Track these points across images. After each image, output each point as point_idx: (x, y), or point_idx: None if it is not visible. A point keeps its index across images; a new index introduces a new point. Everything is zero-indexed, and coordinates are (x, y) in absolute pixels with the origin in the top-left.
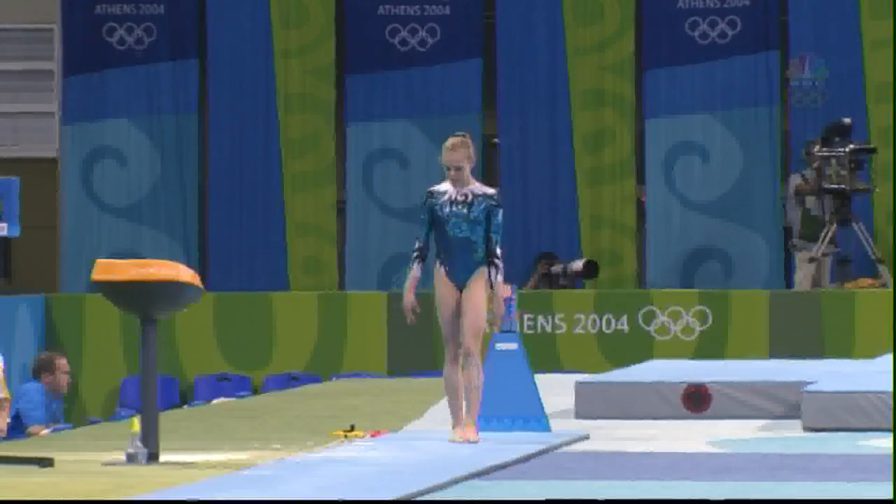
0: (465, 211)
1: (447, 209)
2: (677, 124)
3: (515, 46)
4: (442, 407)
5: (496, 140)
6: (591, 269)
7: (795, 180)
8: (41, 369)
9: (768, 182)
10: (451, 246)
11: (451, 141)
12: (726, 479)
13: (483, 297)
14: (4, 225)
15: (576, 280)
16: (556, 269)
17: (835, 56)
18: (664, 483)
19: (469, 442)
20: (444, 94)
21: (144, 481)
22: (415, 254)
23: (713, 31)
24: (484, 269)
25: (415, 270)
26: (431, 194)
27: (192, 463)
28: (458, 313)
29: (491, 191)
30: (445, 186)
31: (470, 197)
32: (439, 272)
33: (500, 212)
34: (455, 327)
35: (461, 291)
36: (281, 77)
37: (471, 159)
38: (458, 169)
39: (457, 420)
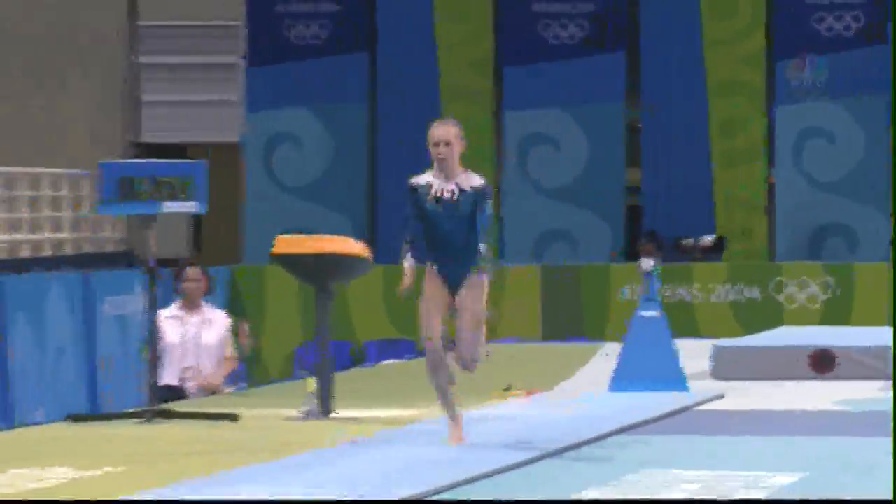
0: (452, 209)
1: (433, 206)
2: (805, 111)
3: (656, 40)
4: (589, 369)
5: (640, 125)
6: (720, 245)
7: None
8: None
9: (888, 163)
10: (441, 244)
11: (438, 120)
12: (849, 434)
13: (480, 308)
14: (194, 203)
15: (705, 255)
16: (687, 242)
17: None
18: (792, 438)
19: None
20: (591, 85)
21: (319, 436)
22: (406, 246)
23: (839, 24)
24: (476, 277)
25: (409, 259)
26: (414, 188)
27: (361, 419)
28: (442, 313)
29: (478, 182)
30: (428, 178)
31: (456, 193)
32: (431, 270)
33: (489, 203)
34: (435, 326)
35: (453, 296)
36: (444, 68)
37: (460, 140)
38: (447, 144)
39: (453, 415)
